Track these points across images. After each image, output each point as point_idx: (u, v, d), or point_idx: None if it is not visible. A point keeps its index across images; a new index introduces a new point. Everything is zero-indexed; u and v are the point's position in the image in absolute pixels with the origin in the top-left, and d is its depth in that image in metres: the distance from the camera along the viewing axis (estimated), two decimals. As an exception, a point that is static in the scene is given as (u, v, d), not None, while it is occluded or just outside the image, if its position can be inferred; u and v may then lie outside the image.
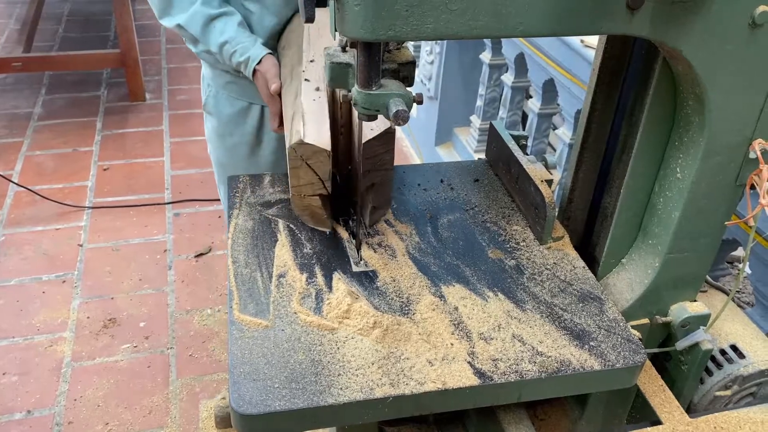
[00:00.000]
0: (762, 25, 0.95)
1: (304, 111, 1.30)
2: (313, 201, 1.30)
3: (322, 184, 1.27)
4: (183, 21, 1.67)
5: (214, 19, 1.66)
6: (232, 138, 1.97)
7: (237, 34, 1.66)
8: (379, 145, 1.26)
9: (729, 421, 1.18)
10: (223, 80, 1.90)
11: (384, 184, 1.33)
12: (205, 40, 1.68)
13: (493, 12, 0.86)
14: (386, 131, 1.27)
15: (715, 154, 1.09)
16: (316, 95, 1.36)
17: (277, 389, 1.01)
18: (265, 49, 1.66)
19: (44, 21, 5.47)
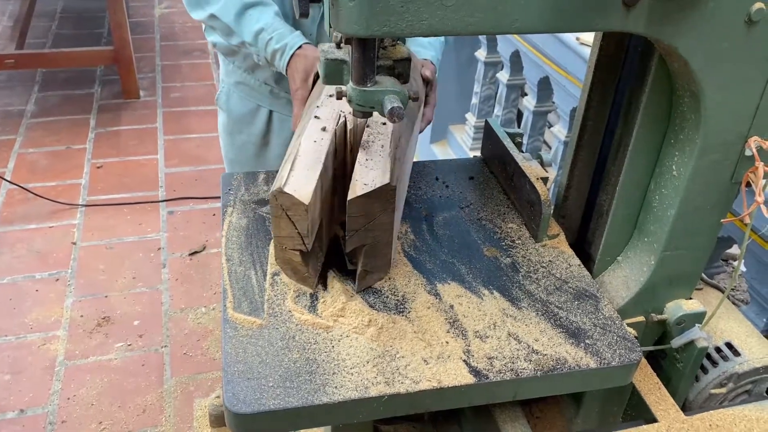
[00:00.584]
0: (758, 22, 0.95)
1: (299, 154, 1.16)
2: (293, 255, 1.15)
3: (301, 240, 1.12)
4: (216, 10, 1.60)
5: (249, 8, 1.59)
6: (240, 136, 1.97)
7: (273, 21, 1.58)
8: (374, 203, 1.10)
9: (724, 419, 1.18)
10: (234, 79, 1.90)
11: (378, 247, 1.16)
12: (240, 29, 1.60)
13: (489, 8, 0.86)
14: (383, 188, 1.09)
15: (710, 151, 1.08)
16: (319, 136, 1.20)
17: (271, 388, 1.00)
18: (304, 38, 1.57)
19: (37, 18, 5.45)
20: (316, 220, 1.14)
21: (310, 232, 1.11)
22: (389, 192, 1.10)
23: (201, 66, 5.15)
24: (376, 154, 1.16)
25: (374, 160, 1.15)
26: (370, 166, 1.14)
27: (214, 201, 3.58)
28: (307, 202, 1.07)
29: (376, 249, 1.16)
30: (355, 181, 1.11)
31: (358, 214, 1.10)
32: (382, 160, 1.14)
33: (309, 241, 1.12)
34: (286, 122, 1.95)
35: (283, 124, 1.95)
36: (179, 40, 5.56)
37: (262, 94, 1.88)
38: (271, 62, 1.61)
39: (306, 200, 1.07)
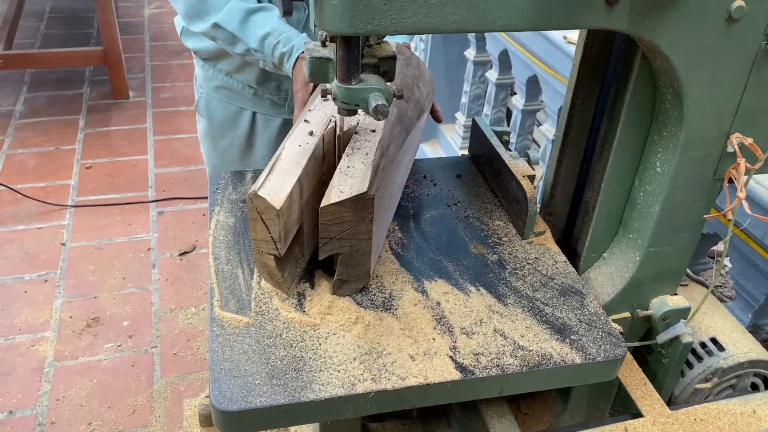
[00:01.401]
0: (738, 20, 0.96)
1: (280, 157, 1.14)
2: (268, 260, 1.12)
3: (274, 245, 1.09)
4: (219, 19, 1.58)
5: (253, 14, 1.58)
6: (223, 140, 1.96)
7: (279, 24, 1.57)
8: (348, 211, 1.07)
9: (708, 413, 1.19)
10: (214, 84, 1.88)
11: (355, 257, 1.13)
12: (245, 36, 1.58)
13: (472, 6, 0.86)
14: (359, 197, 1.06)
15: (693, 148, 1.09)
16: (305, 140, 1.18)
17: (258, 386, 1.00)
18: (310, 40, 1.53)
19: (25, 18, 5.42)
20: (292, 225, 1.12)
21: (282, 237, 1.08)
22: (366, 201, 1.07)
23: (191, 66, 5.11)
24: (359, 161, 1.14)
25: (355, 168, 1.13)
26: (350, 174, 1.11)
27: (204, 201, 3.57)
28: (278, 207, 1.04)
29: (352, 258, 1.13)
30: (332, 188, 1.08)
31: (332, 222, 1.08)
32: (363, 168, 1.12)
33: (281, 246, 1.09)
34: (271, 123, 1.94)
35: (267, 125, 1.94)
36: (169, 40, 5.54)
37: (245, 96, 1.87)
38: (279, 66, 1.59)
39: (278, 205, 1.04)
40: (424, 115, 1.51)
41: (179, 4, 1.65)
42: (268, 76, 1.85)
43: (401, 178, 1.38)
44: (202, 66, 1.90)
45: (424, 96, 1.49)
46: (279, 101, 1.92)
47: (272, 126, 1.95)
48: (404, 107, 1.36)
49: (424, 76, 1.55)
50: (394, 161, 1.25)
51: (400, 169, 1.33)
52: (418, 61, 1.56)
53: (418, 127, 1.45)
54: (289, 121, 1.96)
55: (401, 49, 1.52)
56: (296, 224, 1.14)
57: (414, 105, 1.42)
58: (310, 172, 1.16)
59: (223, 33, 1.61)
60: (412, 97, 1.42)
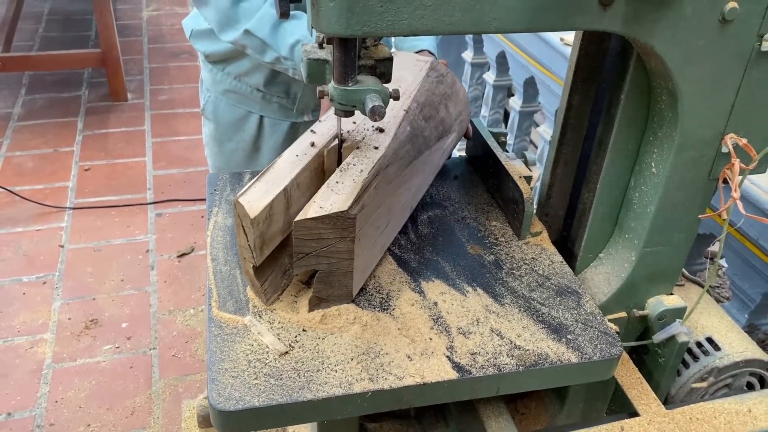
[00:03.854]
0: (731, 21, 0.96)
1: (273, 166, 1.13)
2: (248, 267, 1.10)
3: (251, 253, 1.07)
4: (251, 25, 1.58)
5: (284, 21, 1.57)
6: (230, 144, 1.96)
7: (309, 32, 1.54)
8: (326, 228, 1.04)
9: (704, 412, 1.20)
10: (222, 87, 1.89)
11: (335, 276, 1.10)
12: (275, 43, 1.58)
13: (467, 7, 0.87)
14: (338, 215, 1.02)
15: (688, 148, 1.10)
16: (303, 151, 1.17)
17: (255, 385, 1.01)
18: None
19: (24, 20, 5.42)
20: (273, 235, 1.10)
21: (257, 246, 1.06)
22: (347, 220, 1.04)
23: (189, 68, 5.14)
24: (350, 178, 1.11)
25: (344, 184, 1.09)
26: (337, 190, 1.08)
27: (203, 203, 3.57)
28: (253, 216, 1.02)
29: (331, 277, 1.10)
30: (312, 203, 1.06)
31: (308, 237, 1.05)
32: (352, 186, 1.08)
33: (257, 255, 1.07)
34: (278, 127, 1.95)
35: (274, 129, 1.95)
36: (167, 42, 5.55)
37: (253, 100, 1.88)
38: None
39: (253, 214, 1.02)
40: (451, 136, 1.45)
41: (210, 12, 1.64)
42: (276, 79, 1.86)
43: (407, 199, 1.32)
44: (210, 70, 1.90)
45: (453, 117, 1.44)
46: (287, 104, 1.92)
47: (279, 130, 1.95)
48: (421, 126, 1.31)
49: (458, 96, 1.50)
50: (394, 181, 1.20)
51: (406, 190, 1.28)
52: (453, 80, 1.51)
53: (438, 149, 1.40)
54: (297, 125, 1.97)
55: (436, 65, 1.48)
56: (280, 235, 1.11)
57: (436, 125, 1.37)
58: (303, 184, 1.14)
59: (254, 40, 1.60)
60: (435, 116, 1.37)
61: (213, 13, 1.63)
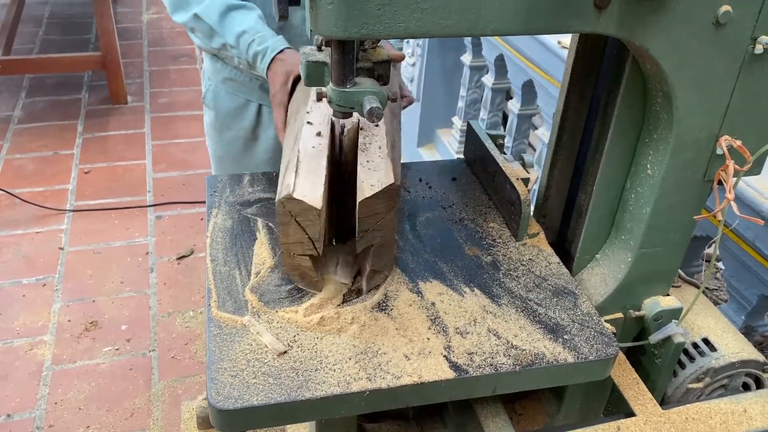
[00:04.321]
0: (725, 24, 0.98)
1: (300, 160, 1.17)
2: (303, 261, 1.16)
3: (312, 245, 1.13)
4: (200, 10, 1.62)
5: (233, 10, 1.62)
6: (229, 132, 1.98)
7: (256, 23, 1.61)
8: (380, 203, 1.12)
9: (700, 412, 1.21)
10: (223, 75, 1.91)
11: (385, 246, 1.18)
12: (222, 30, 1.62)
13: (464, 10, 0.88)
14: (389, 188, 1.11)
15: (683, 150, 1.11)
16: (316, 141, 1.22)
17: (254, 384, 1.02)
18: (286, 43, 1.59)
19: (24, 23, 5.44)
20: (325, 224, 1.15)
21: (321, 236, 1.13)
22: (394, 191, 1.12)
23: (189, 71, 5.16)
24: (375, 155, 1.19)
25: (375, 162, 1.17)
26: (373, 167, 1.16)
27: (202, 205, 3.58)
28: (319, 207, 1.08)
29: (383, 248, 1.17)
30: (362, 183, 1.12)
31: (367, 214, 1.12)
32: (382, 162, 1.17)
33: (320, 245, 1.14)
34: None
35: (272, 118, 1.96)
36: (167, 45, 5.56)
37: (252, 89, 1.90)
38: (252, 65, 1.62)
39: (318, 205, 1.09)
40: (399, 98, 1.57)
41: None
42: None
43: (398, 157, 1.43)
44: (211, 58, 1.92)
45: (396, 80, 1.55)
46: None
47: None
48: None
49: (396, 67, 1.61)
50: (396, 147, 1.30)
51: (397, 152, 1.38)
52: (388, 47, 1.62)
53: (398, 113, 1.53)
54: None
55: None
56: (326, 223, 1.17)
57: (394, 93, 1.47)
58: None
59: (202, 25, 1.65)
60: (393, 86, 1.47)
61: None
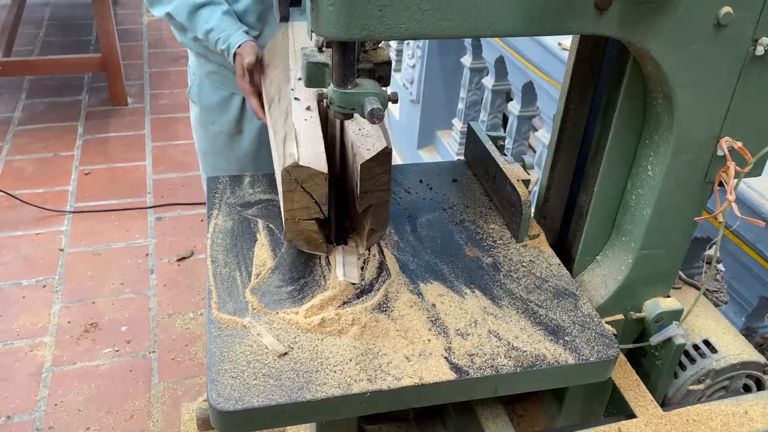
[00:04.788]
0: (726, 26, 0.98)
1: (297, 132, 1.24)
2: (309, 225, 1.22)
3: (319, 208, 1.21)
4: (171, 9, 1.76)
5: (201, 8, 1.73)
6: (213, 126, 2.02)
7: (221, 21, 1.72)
8: (377, 165, 1.19)
9: (701, 414, 1.21)
10: (207, 69, 1.96)
11: (381, 206, 1.26)
12: (192, 27, 1.76)
13: (464, 12, 0.88)
14: (383, 151, 1.20)
15: (684, 151, 1.11)
16: (307, 115, 1.31)
17: (255, 386, 1.02)
18: (247, 36, 1.71)
19: (24, 25, 5.44)
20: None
21: (327, 199, 1.20)
22: (388, 154, 1.19)
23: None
24: (364, 123, 1.25)
25: (365, 129, 1.24)
26: (366, 134, 1.23)
27: (202, 207, 3.58)
28: (325, 171, 1.16)
29: (379, 208, 1.24)
30: (359, 148, 1.19)
31: (367, 177, 1.19)
32: (372, 128, 1.25)
33: (326, 207, 1.21)
34: None
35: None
36: (167, 47, 5.56)
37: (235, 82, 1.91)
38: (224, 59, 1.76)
39: (324, 169, 1.16)
40: None
41: None
42: None
43: None
44: (195, 53, 1.98)
45: None
46: None
47: None
48: None
49: None
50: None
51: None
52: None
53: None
54: None
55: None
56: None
57: None
58: None
59: (174, 22, 1.81)
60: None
61: None
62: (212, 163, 2.12)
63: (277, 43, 1.67)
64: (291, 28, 1.64)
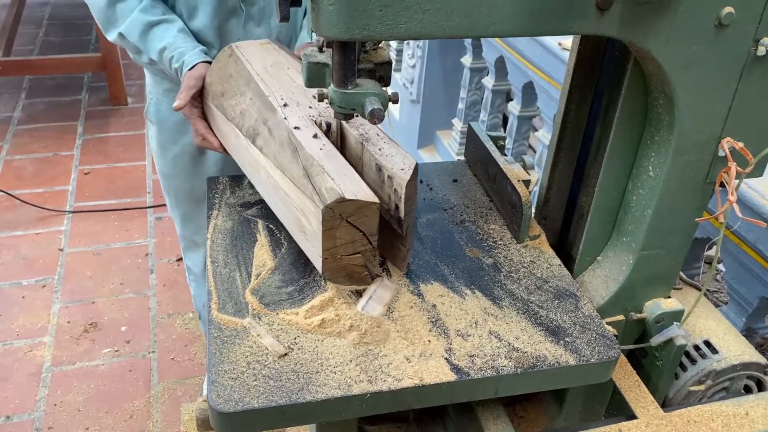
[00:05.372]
0: (728, 26, 0.97)
1: (323, 164, 1.15)
2: (353, 260, 1.16)
3: (367, 240, 1.14)
4: (123, 29, 1.62)
5: (154, 26, 1.62)
6: (174, 147, 1.90)
7: (176, 39, 1.61)
8: (412, 183, 1.17)
9: (702, 415, 1.20)
10: (164, 87, 1.84)
11: (414, 224, 1.21)
12: (146, 47, 1.64)
13: (465, 12, 0.88)
14: (415, 168, 1.17)
15: (685, 152, 1.11)
16: (319, 143, 1.21)
17: (255, 387, 1.01)
18: (203, 56, 1.60)
19: (24, 24, 5.44)
20: None
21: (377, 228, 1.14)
22: (417, 171, 1.19)
23: (189, 72, 5.15)
24: (381, 142, 1.23)
25: (386, 148, 1.21)
26: (390, 153, 1.20)
27: (202, 207, 3.57)
28: (377, 200, 1.11)
29: (413, 226, 1.22)
30: (392, 170, 1.16)
31: (408, 197, 1.16)
32: (393, 147, 1.22)
33: (376, 238, 1.15)
34: None
35: None
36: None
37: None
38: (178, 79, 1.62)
39: (374, 198, 1.11)
40: None
41: (94, 12, 1.67)
42: None
43: None
44: (151, 70, 1.86)
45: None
46: None
47: None
48: None
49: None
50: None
51: None
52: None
53: None
54: None
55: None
56: None
57: None
58: None
59: (127, 43, 1.66)
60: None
61: (94, 12, 1.66)
62: (174, 185, 2.00)
63: (230, 68, 1.49)
64: (236, 49, 1.51)
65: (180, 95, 1.54)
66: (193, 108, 1.57)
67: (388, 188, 1.18)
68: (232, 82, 1.46)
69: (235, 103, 1.42)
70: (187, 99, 1.54)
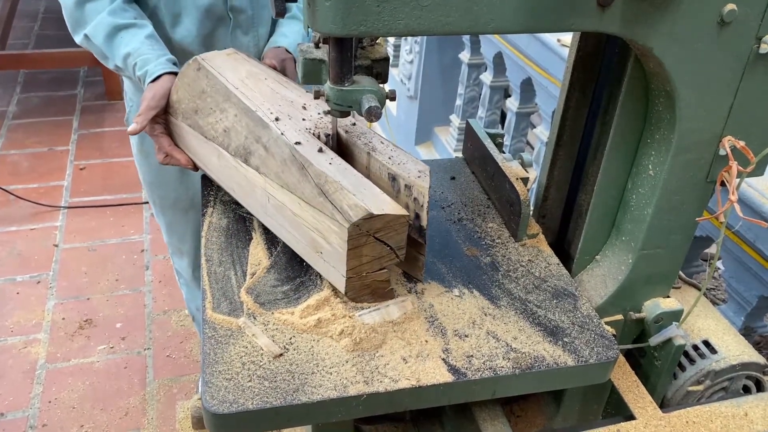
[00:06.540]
0: (730, 23, 0.96)
1: (338, 179, 1.11)
2: (378, 276, 1.12)
3: (395, 254, 1.11)
4: (89, 30, 1.51)
5: (122, 30, 1.50)
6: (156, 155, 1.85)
7: (141, 45, 1.48)
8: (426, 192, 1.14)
9: (700, 416, 1.20)
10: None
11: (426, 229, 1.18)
12: (111, 52, 1.51)
13: (464, 8, 0.86)
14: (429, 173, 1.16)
15: (685, 150, 1.10)
16: (326, 158, 1.17)
17: (250, 387, 1.00)
18: (169, 66, 1.46)
19: (19, 18, 5.40)
20: None
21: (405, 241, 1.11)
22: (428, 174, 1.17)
23: (185, 67, 5.12)
24: (388, 149, 1.21)
25: (394, 156, 1.20)
26: (400, 161, 1.18)
27: (198, 203, 3.55)
28: (407, 213, 1.08)
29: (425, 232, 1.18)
30: (409, 177, 1.14)
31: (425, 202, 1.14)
32: (402, 154, 1.21)
33: (404, 250, 1.12)
34: None
35: None
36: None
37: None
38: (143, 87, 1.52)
39: (404, 211, 1.08)
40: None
41: (65, 13, 1.56)
42: None
43: None
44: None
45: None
46: None
47: None
48: None
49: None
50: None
51: None
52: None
53: None
54: None
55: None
56: None
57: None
58: None
59: (93, 46, 1.55)
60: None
61: (65, 13, 1.55)
62: (159, 194, 1.93)
63: (201, 83, 1.38)
64: (203, 62, 1.40)
65: (137, 118, 1.41)
66: (155, 125, 1.44)
67: (405, 197, 1.15)
68: (206, 98, 1.35)
69: (215, 121, 1.32)
70: (145, 123, 1.42)
